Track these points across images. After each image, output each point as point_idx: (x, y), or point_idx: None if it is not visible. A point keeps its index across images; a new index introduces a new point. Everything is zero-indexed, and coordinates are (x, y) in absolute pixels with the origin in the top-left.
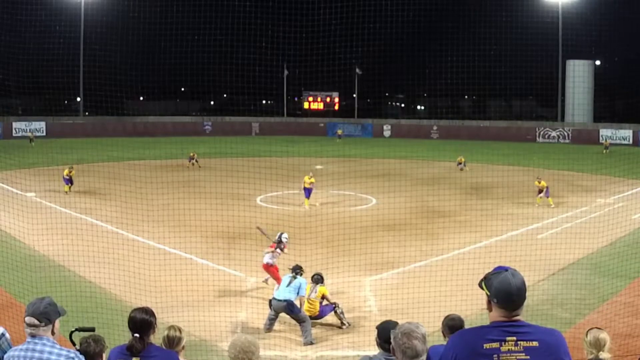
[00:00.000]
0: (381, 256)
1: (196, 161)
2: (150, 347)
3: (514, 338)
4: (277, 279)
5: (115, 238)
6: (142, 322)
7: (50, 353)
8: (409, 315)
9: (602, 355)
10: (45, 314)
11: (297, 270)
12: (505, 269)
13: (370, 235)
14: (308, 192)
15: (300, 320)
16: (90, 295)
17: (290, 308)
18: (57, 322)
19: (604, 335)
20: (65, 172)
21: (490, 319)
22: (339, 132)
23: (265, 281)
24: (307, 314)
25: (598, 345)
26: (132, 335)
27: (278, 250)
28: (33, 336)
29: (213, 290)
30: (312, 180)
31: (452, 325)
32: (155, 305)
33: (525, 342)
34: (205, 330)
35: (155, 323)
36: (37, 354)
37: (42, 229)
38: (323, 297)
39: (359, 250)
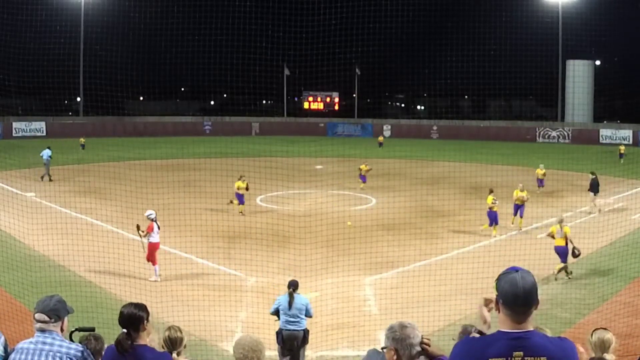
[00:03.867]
0: (381, 256)
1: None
2: (142, 349)
3: (521, 354)
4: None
5: (115, 238)
6: (129, 316)
7: (60, 346)
8: (409, 315)
9: (607, 357)
10: (55, 310)
11: (293, 286)
12: (516, 270)
13: (370, 235)
14: (493, 215)
15: (302, 355)
16: (90, 295)
17: (306, 337)
18: (65, 320)
19: (609, 336)
20: (238, 184)
21: (499, 322)
22: (380, 139)
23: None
24: (556, 243)
25: (603, 346)
26: (121, 331)
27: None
28: (42, 331)
29: (213, 290)
30: (493, 199)
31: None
32: (155, 305)
33: (532, 358)
34: (205, 330)
35: (147, 319)
36: (47, 347)
37: (42, 229)
38: (566, 238)
39: (359, 250)
